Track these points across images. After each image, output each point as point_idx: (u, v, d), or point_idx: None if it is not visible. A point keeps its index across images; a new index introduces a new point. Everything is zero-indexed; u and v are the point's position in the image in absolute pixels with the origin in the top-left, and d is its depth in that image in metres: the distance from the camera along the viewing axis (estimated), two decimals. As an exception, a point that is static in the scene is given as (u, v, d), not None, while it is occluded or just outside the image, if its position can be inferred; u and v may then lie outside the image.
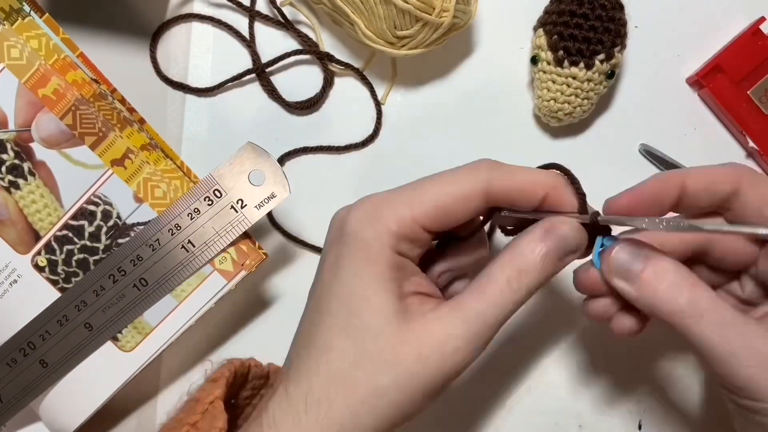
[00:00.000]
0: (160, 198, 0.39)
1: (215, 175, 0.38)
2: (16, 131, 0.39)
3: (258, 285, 0.44)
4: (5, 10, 0.38)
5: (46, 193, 0.39)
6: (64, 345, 0.39)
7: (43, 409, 0.41)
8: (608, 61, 0.41)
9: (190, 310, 0.39)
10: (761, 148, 0.43)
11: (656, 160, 0.44)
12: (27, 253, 0.40)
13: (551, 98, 0.42)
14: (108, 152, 0.39)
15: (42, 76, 0.38)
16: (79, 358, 0.39)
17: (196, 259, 0.39)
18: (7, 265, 0.40)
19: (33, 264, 0.40)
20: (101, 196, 0.39)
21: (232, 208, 0.38)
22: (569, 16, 0.41)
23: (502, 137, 0.44)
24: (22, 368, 0.40)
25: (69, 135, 0.39)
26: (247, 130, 0.44)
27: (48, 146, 0.39)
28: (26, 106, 0.38)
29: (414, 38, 0.41)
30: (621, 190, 0.44)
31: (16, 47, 0.38)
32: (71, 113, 0.38)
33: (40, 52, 0.38)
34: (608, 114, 0.45)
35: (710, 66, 0.43)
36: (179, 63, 0.44)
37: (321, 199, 0.43)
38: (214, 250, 0.38)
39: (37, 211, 0.39)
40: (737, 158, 0.45)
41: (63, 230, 0.39)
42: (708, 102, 0.45)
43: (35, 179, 0.39)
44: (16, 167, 0.39)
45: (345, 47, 0.45)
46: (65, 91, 0.38)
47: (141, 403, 0.44)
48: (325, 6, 0.41)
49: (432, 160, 0.44)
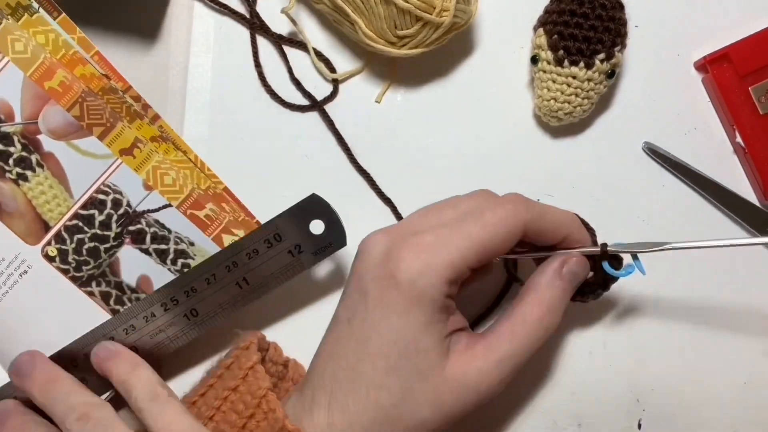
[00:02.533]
0: (170, 185, 0.40)
1: (278, 220, 0.39)
2: (23, 124, 0.39)
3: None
4: (11, 5, 0.38)
5: (55, 184, 0.40)
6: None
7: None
8: (608, 60, 0.41)
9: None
10: (747, 146, 0.43)
11: (660, 158, 0.44)
12: (37, 243, 0.40)
13: (551, 98, 0.42)
14: (116, 142, 0.39)
15: (47, 69, 0.39)
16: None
17: (248, 296, 0.39)
18: (17, 256, 0.40)
19: (43, 254, 0.40)
20: (111, 185, 0.40)
21: (289, 253, 0.39)
22: (569, 16, 0.41)
23: (502, 137, 0.45)
24: None
25: (76, 126, 0.39)
26: (247, 130, 0.45)
27: (55, 138, 0.39)
28: (32, 98, 0.39)
29: (414, 38, 0.41)
30: (621, 189, 0.44)
31: (20, 41, 0.38)
32: (78, 105, 0.39)
33: (47, 47, 0.39)
34: (608, 113, 0.45)
35: (720, 53, 0.43)
36: (179, 63, 0.44)
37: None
38: (267, 290, 0.39)
39: (46, 202, 0.40)
40: (727, 156, 0.44)
41: (73, 220, 0.40)
42: (709, 91, 0.44)
43: (43, 171, 0.40)
44: (24, 159, 0.40)
45: (345, 48, 0.45)
46: (72, 83, 0.39)
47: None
48: (325, 6, 0.42)
49: (432, 159, 0.45)
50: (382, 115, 0.45)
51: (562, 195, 0.44)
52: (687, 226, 0.44)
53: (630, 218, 0.44)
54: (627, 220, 0.44)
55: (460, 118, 0.45)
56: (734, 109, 0.43)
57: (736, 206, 0.44)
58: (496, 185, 0.44)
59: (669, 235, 0.44)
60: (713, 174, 0.44)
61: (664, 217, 0.44)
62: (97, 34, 0.43)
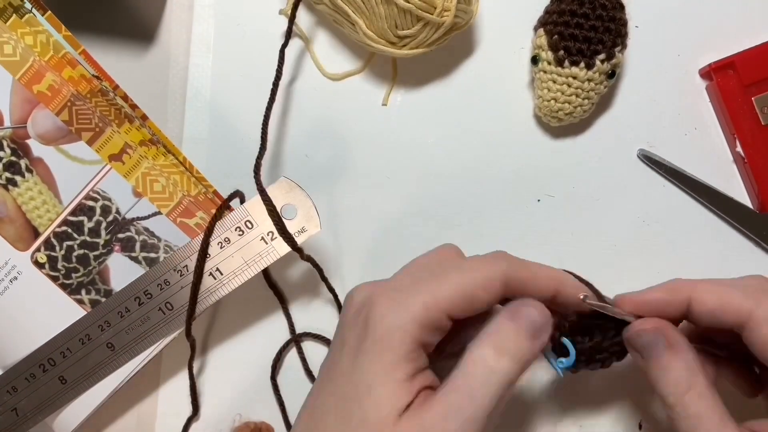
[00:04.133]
0: (159, 192, 0.39)
1: (248, 206, 0.38)
2: (12, 128, 0.39)
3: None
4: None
5: (44, 190, 0.39)
6: (84, 363, 0.40)
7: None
8: (609, 60, 0.41)
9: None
10: (747, 156, 0.43)
11: (655, 165, 0.44)
12: (26, 249, 0.40)
13: (552, 98, 0.42)
14: (105, 147, 0.39)
15: (36, 73, 0.38)
16: (98, 377, 0.40)
17: (223, 287, 0.39)
18: (6, 262, 0.40)
19: (33, 261, 0.40)
20: (100, 191, 0.39)
21: (262, 240, 0.38)
22: (570, 16, 0.41)
23: (503, 137, 0.44)
24: (41, 383, 0.40)
25: (65, 131, 0.39)
26: (247, 130, 0.44)
27: (45, 143, 0.39)
28: (21, 102, 0.38)
29: (415, 38, 0.41)
30: (621, 189, 0.44)
31: (9, 44, 0.38)
32: (67, 109, 0.38)
33: (35, 49, 0.38)
34: (609, 114, 0.45)
35: (725, 61, 0.43)
36: (179, 63, 0.44)
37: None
38: (241, 279, 0.39)
39: (35, 207, 0.39)
40: (726, 162, 0.44)
41: (62, 226, 0.40)
42: (712, 98, 0.44)
43: (33, 176, 0.39)
44: (13, 164, 0.39)
45: (345, 48, 0.45)
46: (60, 87, 0.38)
47: (141, 400, 0.44)
48: (326, 6, 0.41)
49: (432, 159, 0.45)
50: (382, 115, 0.45)
51: (562, 195, 0.44)
52: (687, 226, 0.44)
53: (630, 218, 0.44)
54: (627, 221, 0.44)
55: (460, 118, 0.45)
56: (736, 118, 0.43)
57: (732, 210, 0.44)
58: (497, 185, 0.44)
59: (669, 235, 0.44)
60: (710, 176, 0.44)
61: (664, 218, 0.44)
62: (96, 35, 0.43)
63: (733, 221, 0.44)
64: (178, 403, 0.44)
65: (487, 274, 0.32)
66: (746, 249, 0.44)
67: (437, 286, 0.32)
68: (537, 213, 0.44)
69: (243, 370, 0.44)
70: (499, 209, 0.44)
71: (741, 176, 0.44)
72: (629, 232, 0.44)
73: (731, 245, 0.44)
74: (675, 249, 0.44)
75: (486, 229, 0.44)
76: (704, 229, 0.44)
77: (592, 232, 0.44)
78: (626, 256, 0.44)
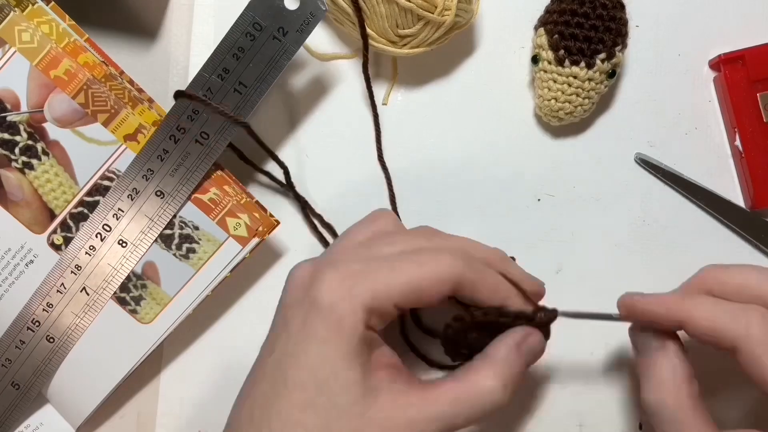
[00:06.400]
0: None
1: (249, 12, 0.38)
2: (29, 113, 0.39)
3: (257, 272, 0.44)
4: None
5: (61, 172, 0.40)
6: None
7: (53, 391, 0.41)
8: (609, 60, 0.41)
9: (206, 278, 0.40)
10: (745, 151, 0.43)
11: (652, 168, 0.44)
12: (43, 232, 0.40)
13: (552, 97, 0.42)
14: (121, 128, 0.39)
15: (53, 58, 0.39)
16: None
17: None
18: (23, 245, 0.40)
19: (49, 243, 0.40)
20: (115, 170, 0.40)
21: (275, 39, 0.38)
22: (570, 16, 0.41)
23: (503, 136, 0.45)
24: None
25: (82, 113, 0.39)
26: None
27: (61, 126, 0.40)
28: (38, 87, 0.39)
29: (416, 37, 0.41)
30: (621, 188, 0.44)
31: (27, 31, 0.39)
32: (83, 92, 0.39)
33: (51, 36, 0.39)
34: (609, 113, 0.45)
35: (735, 54, 0.43)
36: (179, 63, 0.44)
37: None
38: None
39: (51, 190, 0.40)
40: (724, 162, 0.44)
41: (78, 207, 0.40)
42: (718, 90, 0.44)
43: (49, 159, 0.40)
44: (30, 148, 0.40)
45: (346, 48, 0.45)
46: (77, 71, 0.39)
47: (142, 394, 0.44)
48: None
49: (432, 159, 0.45)
50: (382, 114, 0.45)
51: (562, 195, 0.44)
52: (687, 226, 0.44)
53: (630, 218, 0.44)
54: (627, 220, 0.44)
55: (460, 118, 0.45)
56: (739, 112, 0.43)
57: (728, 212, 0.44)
58: (497, 185, 0.44)
59: (669, 234, 0.44)
60: (708, 176, 0.44)
61: (664, 217, 0.44)
62: (97, 34, 0.43)
63: (728, 222, 0.44)
64: (178, 403, 0.44)
65: (443, 276, 0.32)
66: (745, 250, 0.44)
67: (390, 274, 0.32)
68: (537, 212, 0.44)
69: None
70: (499, 208, 0.44)
71: (737, 173, 0.44)
72: (629, 231, 0.44)
73: (731, 245, 0.44)
74: (675, 249, 0.44)
75: (486, 228, 0.44)
76: (703, 229, 0.44)
77: (592, 232, 0.44)
78: (626, 256, 0.44)
